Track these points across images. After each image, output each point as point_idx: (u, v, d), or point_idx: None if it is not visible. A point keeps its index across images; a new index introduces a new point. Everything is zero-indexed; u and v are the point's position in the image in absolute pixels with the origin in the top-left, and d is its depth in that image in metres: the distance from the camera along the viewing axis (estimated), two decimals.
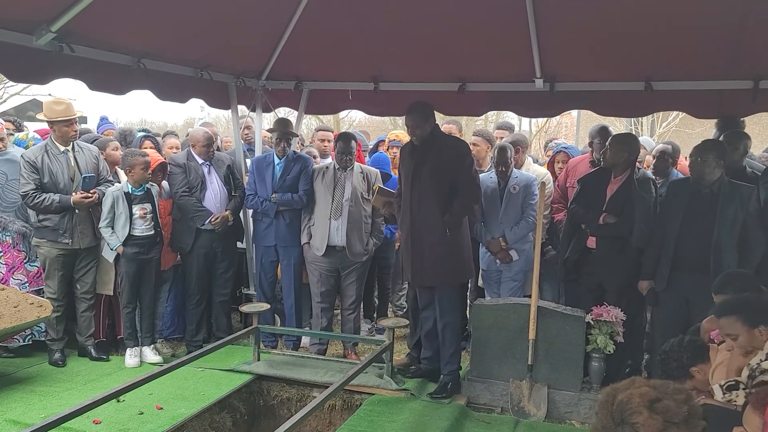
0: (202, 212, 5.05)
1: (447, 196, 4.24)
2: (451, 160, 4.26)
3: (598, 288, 4.46)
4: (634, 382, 2.13)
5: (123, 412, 3.89)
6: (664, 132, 16.63)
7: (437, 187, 4.23)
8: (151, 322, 5.00)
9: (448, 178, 4.25)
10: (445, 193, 4.24)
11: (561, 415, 4.17)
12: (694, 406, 2.04)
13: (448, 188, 4.25)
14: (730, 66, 4.37)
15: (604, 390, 2.18)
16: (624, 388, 2.10)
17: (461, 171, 4.27)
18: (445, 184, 4.25)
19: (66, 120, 4.57)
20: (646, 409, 1.96)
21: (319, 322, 5.19)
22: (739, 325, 2.49)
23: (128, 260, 4.77)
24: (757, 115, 4.96)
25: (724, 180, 4.05)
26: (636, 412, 1.96)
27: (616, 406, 2.03)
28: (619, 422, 2.01)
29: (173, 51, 4.59)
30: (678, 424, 1.96)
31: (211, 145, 5.15)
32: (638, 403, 1.98)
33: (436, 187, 4.23)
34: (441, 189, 4.24)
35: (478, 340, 4.47)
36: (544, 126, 21.32)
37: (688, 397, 2.07)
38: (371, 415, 4.04)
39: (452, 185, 4.25)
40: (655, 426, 1.93)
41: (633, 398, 2.01)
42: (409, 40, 4.84)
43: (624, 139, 4.54)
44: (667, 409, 1.98)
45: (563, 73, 4.87)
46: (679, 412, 1.98)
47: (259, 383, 4.63)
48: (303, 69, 5.53)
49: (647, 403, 1.99)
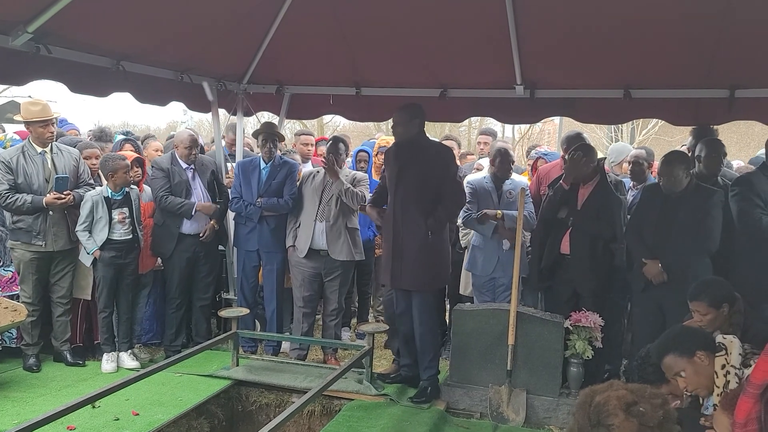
0: (186, 206, 5.00)
1: (431, 201, 4.25)
2: (437, 166, 4.27)
3: (573, 294, 4.50)
4: (612, 385, 2.16)
5: (98, 418, 3.83)
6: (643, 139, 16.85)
7: (421, 191, 4.24)
8: (128, 327, 4.94)
9: (433, 183, 4.25)
10: (429, 198, 4.25)
11: (540, 421, 4.19)
12: (669, 410, 2.07)
13: (432, 193, 4.26)
14: (706, 75, 4.44)
15: (582, 391, 2.20)
16: (602, 390, 2.12)
17: (446, 177, 4.30)
18: (430, 189, 4.25)
19: (41, 121, 4.51)
20: (622, 412, 1.99)
21: (300, 327, 5.16)
22: (679, 360, 2.52)
23: (105, 264, 4.71)
24: (735, 124, 5.05)
25: (692, 183, 4.14)
26: (612, 415, 1.99)
27: (593, 408, 2.05)
28: (595, 424, 2.03)
29: (153, 53, 4.55)
30: (653, 427, 1.99)
31: (193, 147, 5.11)
32: (615, 405, 2.01)
33: (420, 191, 4.24)
34: (425, 193, 4.25)
35: (458, 345, 4.48)
36: (527, 133, 21.51)
37: (664, 402, 2.10)
38: (350, 421, 4.03)
39: (436, 190, 4.26)
40: (630, 429, 1.96)
41: (610, 401, 2.03)
42: (391, 46, 4.85)
43: (576, 157, 4.42)
44: (643, 413, 2.00)
45: (543, 80, 4.92)
46: (655, 416, 2.01)
47: (237, 389, 4.59)
48: (284, 73, 5.52)
49: (624, 406, 2.01)
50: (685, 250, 4.04)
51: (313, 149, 6.40)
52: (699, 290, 3.19)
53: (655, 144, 15.26)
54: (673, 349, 2.56)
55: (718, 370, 2.46)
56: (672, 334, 2.64)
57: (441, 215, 4.25)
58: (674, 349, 2.56)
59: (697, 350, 2.51)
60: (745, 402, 1.56)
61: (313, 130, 18.78)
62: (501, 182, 4.95)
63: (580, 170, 4.39)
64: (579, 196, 4.48)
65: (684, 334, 2.62)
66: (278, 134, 5.29)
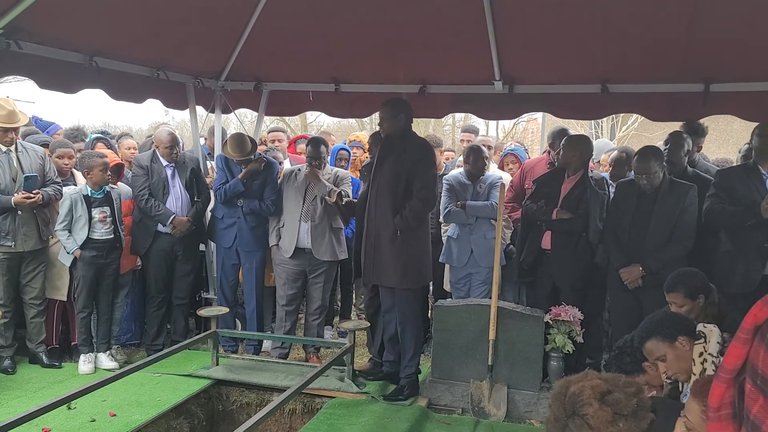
0: (164, 215, 4.96)
1: (402, 197, 4.20)
2: (412, 161, 4.22)
3: (554, 289, 4.52)
4: (587, 375, 2.16)
5: (74, 420, 3.77)
6: (623, 136, 16.97)
7: (394, 186, 4.20)
8: (107, 327, 4.88)
9: (407, 179, 4.20)
10: (401, 194, 4.20)
11: (521, 415, 4.19)
12: (643, 398, 2.07)
13: (404, 189, 4.20)
14: (681, 69, 4.47)
15: (557, 382, 2.20)
16: (576, 380, 2.13)
17: (419, 173, 4.20)
18: (401, 185, 4.20)
19: (3, 127, 4.40)
20: (596, 401, 1.99)
21: (282, 325, 5.12)
22: (661, 345, 2.53)
23: (86, 264, 4.64)
24: (714, 120, 5.09)
25: (666, 178, 4.17)
26: (587, 404, 1.99)
27: (568, 398, 2.05)
28: (570, 414, 2.03)
29: (128, 50, 4.49)
30: (627, 416, 1.99)
31: (174, 147, 5.06)
32: (589, 395, 2.01)
33: (392, 185, 4.20)
34: (398, 189, 4.20)
35: (439, 341, 4.47)
36: (510, 131, 21.60)
37: (638, 390, 2.11)
38: (331, 418, 4.00)
39: (408, 187, 4.21)
40: (604, 418, 1.96)
41: (584, 390, 2.03)
42: (370, 42, 4.83)
43: (577, 139, 4.67)
44: (617, 402, 2.00)
45: (522, 75, 4.93)
46: (629, 404, 2.01)
47: (217, 388, 4.54)
48: (263, 70, 5.47)
49: (598, 396, 2.01)
50: (662, 247, 4.07)
51: (282, 145, 6.35)
52: (675, 282, 3.20)
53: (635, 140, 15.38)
54: (655, 334, 2.56)
55: (696, 358, 2.47)
56: (655, 319, 2.64)
57: (407, 214, 4.15)
58: (657, 334, 2.56)
59: (679, 335, 2.51)
60: (718, 387, 1.56)
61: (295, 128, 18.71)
62: (476, 177, 4.98)
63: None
64: (562, 189, 4.52)
65: (667, 319, 2.62)
66: (248, 159, 5.03)
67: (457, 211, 4.90)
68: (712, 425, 1.59)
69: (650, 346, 2.56)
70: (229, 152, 5.03)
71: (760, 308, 1.46)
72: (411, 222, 4.18)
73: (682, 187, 4.15)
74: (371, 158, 4.63)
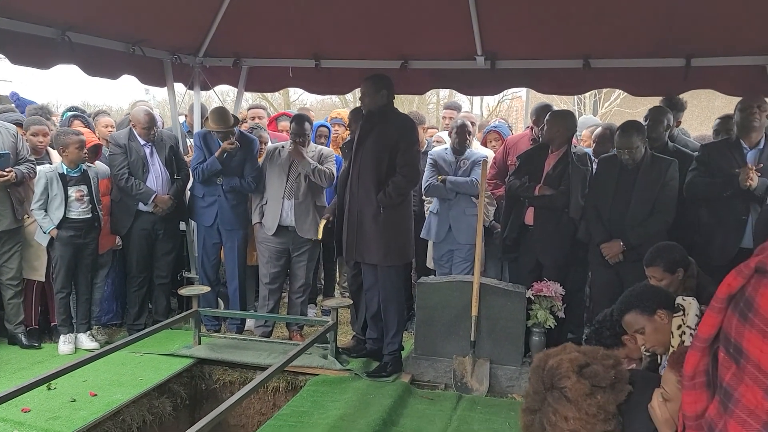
0: (145, 194, 4.90)
1: (385, 174, 4.17)
2: (395, 138, 4.17)
3: (537, 264, 4.54)
4: (565, 348, 2.17)
5: (54, 400, 3.74)
6: (606, 112, 17.03)
7: (377, 162, 4.15)
8: (87, 308, 4.82)
9: (390, 155, 4.17)
10: (384, 171, 4.16)
11: (503, 390, 4.23)
12: (621, 371, 2.09)
13: (387, 166, 4.17)
14: (663, 44, 4.47)
15: (536, 356, 2.21)
16: (555, 353, 2.14)
17: (402, 149, 4.17)
18: (385, 161, 4.17)
19: None
20: (574, 374, 2.00)
21: (265, 303, 5.10)
22: (640, 318, 2.54)
23: (63, 244, 4.57)
24: (696, 96, 5.10)
25: (648, 153, 4.17)
26: (565, 377, 2.00)
27: (546, 372, 2.06)
28: (549, 387, 2.04)
29: (102, 24, 4.37)
30: (605, 388, 2.00)
31: (152, 128, 4.97)
32: (567, 368, 2.02)
33: (375, 162, 4.15)
34: (381, 165, 4.16)
35: (422, 318, 4.48)
36: (495, 109, 21.57)
37: (616, 363, 2.12)
38: (314, 396, 4.01)
39: (392, 163, 4.18)
40: (582, 390, 1.97)
41: (563, 363, 2.04)
42: (350, 17, 4.76)
43: (561, 114, 4.67)
44: (595, 374, 2.02)
45: (504, 50, 4.89)
46: (607, 376, 2.03)
47: (200, 367, 4.53)
48: (242, 45, 5.37)
49: (576, 368, 2.02)
50: (643, 222, 4.09)
51: (263, 122, 6.27)
52: (654, 255, 3.22)
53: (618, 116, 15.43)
54: (634, 307, 2.58)
55: (674, 331, 2.49)
56: (635, 293, 2.65)
57: (391, 190, 4.13)
58: (636, 307, 2.57)
59: (658, 308, 2.53)
60: (693, 355, 1.57)
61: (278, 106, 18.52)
62: (460, 153, 4.98)
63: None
64: (545, 165, 4.52)
65: (646, 292, 2.64)
66: (231, 131, 4.95)
67: (437, 185, 4.90)
68: (687, 393, 1.61)
69: (629, 319, 2.58)
70: (210, 125, 4.95)
71: (733, 278, 1.47)
72: (395, 199, 4.16)
73: (663, 162, 4.16)
74: (351, 135, 4.59)
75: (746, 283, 1.45)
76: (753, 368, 1.38)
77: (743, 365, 1.41)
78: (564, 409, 2.00)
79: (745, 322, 1.41)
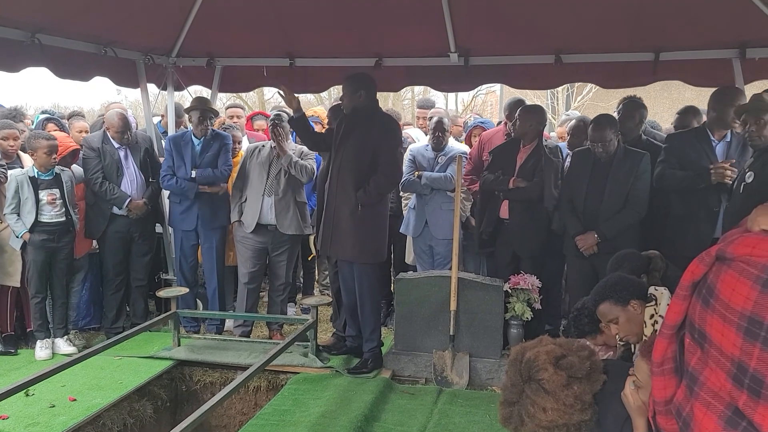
0: (119, 198, 4.87)
1: (366, 173, 4.19)
2: (377, 137, 4.19)
3: (514, 257, 4.60)
4: (542, 341, 2.21)
5: (32, 406, 3.70)
6: (578, 106, 17.18)
7: (358, 161, 4.17)
8: (63, 312, 4.77)
9: (370, 154, 4.18)
10: (364, 169, 4.18)
11: (482, 382, 4.28)
12: (595, 361, 2.14)
13: (367, 164, 4.19)
14: (632, 39, 4.56)
15: (513, 349, 2.25)
16: (532, 346, 2.18)
17: (384, 149, 4.20)
18: (366, 160, 4.19)
19: None
20: (551, 366, 2.04)
21: (244, 303, 5.09)
22: (613, 308, 2.60)
23: (36, 248, 4.51)
24: (667, 89, 5.21)
25: (621, 146, 4.24)
26: (542, 369, 2.04)
27: (524, 364, 2.09)
28: (526, 379, 2.08)
29: (73, 26, 4.32)
30: (581, 379, 2.05)
31: (126, 131, 4.93)
32: (544, 360, 2.06)
33: (356, 161, 4.17)
34: (361, 164, 4.18)
35: (402, 314, 4.51)
36: (469, 104, 21.66)
37: (590, 354, 2.17)
38: (296, 394, 4.02)
39: (373, 162, 4.20)
40: (559, 381, 2.01)
41: (539, 356, 2.08)
42: (324, 15, 4.76)
43: (532, 109, 4.74)
44: (571, 365, 2.06)
45: (477, 47, 4.95)
46: (582, 367, 2.07)
47: (180, 369, 4.51)
48: (215, 45, 5.35)
49: (553, 360, 2.06)
50: (616, 214, 4.16)
51: (241, 121, 6.25)
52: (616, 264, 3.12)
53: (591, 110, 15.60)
54: (608, 297, 2.63)
55: (647, 320, 2.54)
56: (609, 283, 2.70)
57: (371, 189, 4.15)
58: (610, 297, 2.62)
59: (631, 299, 2.58)
60: (661, 342, 1.62)
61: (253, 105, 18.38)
62: (439, 150, 5.03)
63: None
64: (518, 159, 4.58)
65: (620, 283, 2.69)
66: (212, 110, 5.14)
67: (412, 181, 4.96)
68: (656, 379, 1.66)
69: (603, 309, 2.63)
70: (190, 105, 5.01)
71: (696, 265, 1.52)
72: (374, 197, 4.18)
73: (636, 155, 4.23)
74: (329, 129, 4.59)
75: (708, 271, 1.50)
76: (716, 352, 1.43)
77: (707, 349, 1.46)
78: (542, 401, 2.04)
79: (707, 307, 1.46)
